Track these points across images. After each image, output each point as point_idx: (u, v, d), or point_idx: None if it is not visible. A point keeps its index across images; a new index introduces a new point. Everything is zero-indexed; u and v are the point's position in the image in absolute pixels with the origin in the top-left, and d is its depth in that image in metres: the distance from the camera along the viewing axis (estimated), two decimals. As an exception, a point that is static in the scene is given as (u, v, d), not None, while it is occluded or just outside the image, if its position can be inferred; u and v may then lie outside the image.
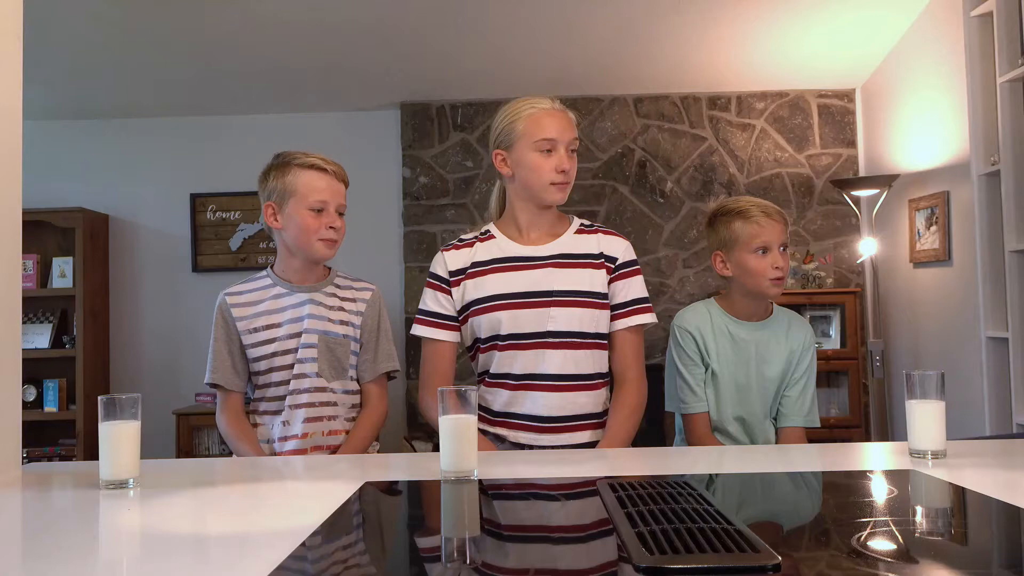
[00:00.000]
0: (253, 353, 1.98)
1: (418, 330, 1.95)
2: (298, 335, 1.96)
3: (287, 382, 1.96)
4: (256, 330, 1.97)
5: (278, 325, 1.97)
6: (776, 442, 2.11)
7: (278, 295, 1.99)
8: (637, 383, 1.92)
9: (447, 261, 1.95)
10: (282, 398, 1.96)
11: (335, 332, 1.98)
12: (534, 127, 1.84)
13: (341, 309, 2.01)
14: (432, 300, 1.95)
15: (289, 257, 1.99)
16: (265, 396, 1.99)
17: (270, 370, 1.97)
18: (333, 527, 1.12)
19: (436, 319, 1.93)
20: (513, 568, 0.98)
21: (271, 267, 2.04)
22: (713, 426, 2.08)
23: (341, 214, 1.96)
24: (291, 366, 1.96)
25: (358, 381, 2.05)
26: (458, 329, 1.95)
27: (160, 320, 4.68)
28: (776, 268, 2.03)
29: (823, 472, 1.49)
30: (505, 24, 3.89)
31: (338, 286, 2.03)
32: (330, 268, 2.06)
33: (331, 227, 1.93)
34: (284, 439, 1.96)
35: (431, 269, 1.98)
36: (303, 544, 1.02)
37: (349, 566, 1.03)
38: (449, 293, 1.93)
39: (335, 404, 1.98)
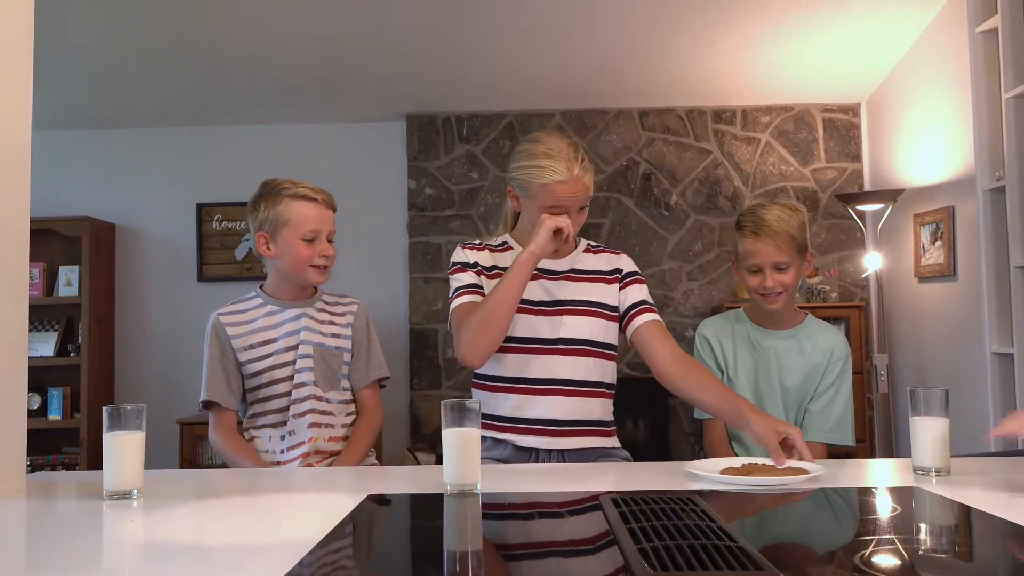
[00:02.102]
0: (250, 369, 2.02)
1: (463, 299, 1.93)
2: (294, 347, 2.01)
3: (288, 393, 2.01)
4: (252, 346, 2.02)
5: (274, 340, 2.02)
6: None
7: (271, 312, 2.05)
8: (694, 359, 1.98)
9: (468, 255, 2.00)
10: (283, 410, 2.01)
11: (328, 344, 2.05)
12: (546, 198, 1.85)
13: (332, 323, 2.08)
14: (467, 276, 1.97)
15: (281, 281, 2.06)
16: (265, 410, 2.03)
17: (271, 383, 2.02)
18: (336, 540, 1.12)
19: (478, 289, 1.95)
20: (515, 583, 0.98)
21: (260, 287, 2.10)
22: (731, 434, 2.09)
23: (331, 240, 2.02)
24: (290, 377, 2.01)
25: (352, 391, 2.11)
26: None
27: (165, 329, 4.69)
28: (764, 287, 2.02)
29: (827, 488, 1.49)
30: (511, 37, 3.91)
31: (326, 302, 2.11)
32: (316, 287, 2.13)
33: (323, 255, 1.99)
34: (290, 448, 2.00)
35: (454, 259, 2.01)
36: (305, 556, 1.02)
37: (351, 579, 1.03)
38: (479, 275, 1.97)
39: (332, 413, 2.04)
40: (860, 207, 4.07)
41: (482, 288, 1.95)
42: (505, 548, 1.14)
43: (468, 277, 1.97)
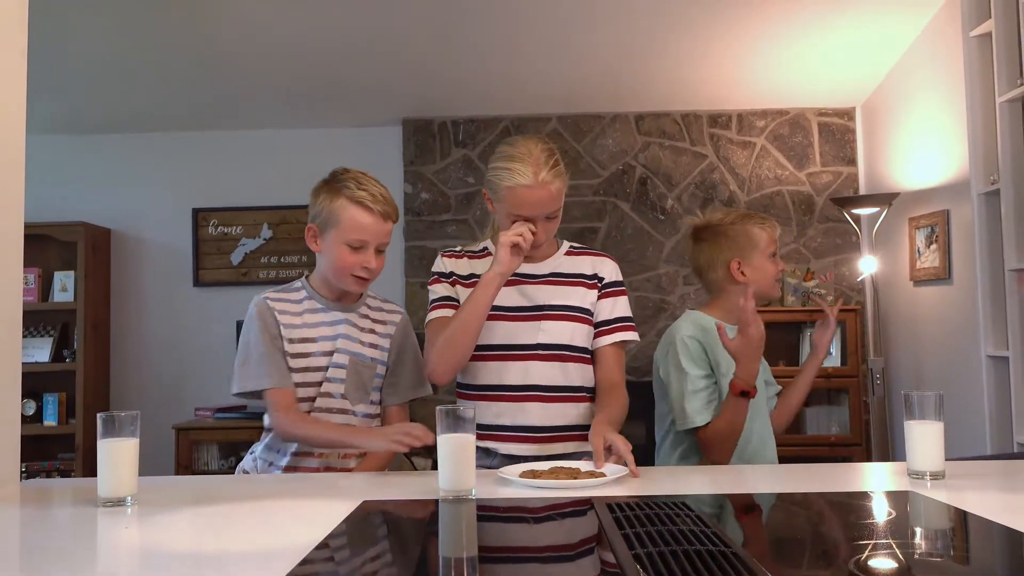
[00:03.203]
0: (288, 364, 1.92)
1: (436, 313, 1.93)
2: (330, 353, 1.92)
3: (312, 399, 1.92)
4: (292, 341, 1.92)
5: (313, 340, 1.93)
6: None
7: (314, 310, 1.95)
8: (623, 389, 1.94)
9: (446, 264, 2.00)
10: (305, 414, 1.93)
11: (364, 355, 1.96)
12: (512, 202, 1.83)
13: (372, 331, 1.98)
14: (442, 288, 1.97)
15: (326, 279, 1.96)
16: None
17: (299, 384, 1.92)
18: (330, 546, 1.12)
19: (453, 302, 1.94)
20: (510, 589, 0.98)
21: (306, 277, 2.01)
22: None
23: (381, 251, 1.91)
24: (319, 383, 1.92)
25: (380, 403, 2.02)
26: None
27: (161, 334, 4.68)
28: (780, 271, 2.15)
29: (822, 493, 1.49)
30: (507, 41, 3.91)
31: (369, 307, 2.01)
32: None
33: (365, 267, 1.87)
34: (298, 454, 1.92)
35: (434, 269, 2.01)
36: (300, 563, 1.02)
37: (345, 586, 1.03)
38: (454, 286, 1.97)
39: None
40: (855, 211, 4.08)
41: (456, 300, 1.93)
42: (500, 554, 1.14)
43: (442, 289, 1.96)
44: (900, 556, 1.04)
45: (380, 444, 1.75)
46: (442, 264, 2.00)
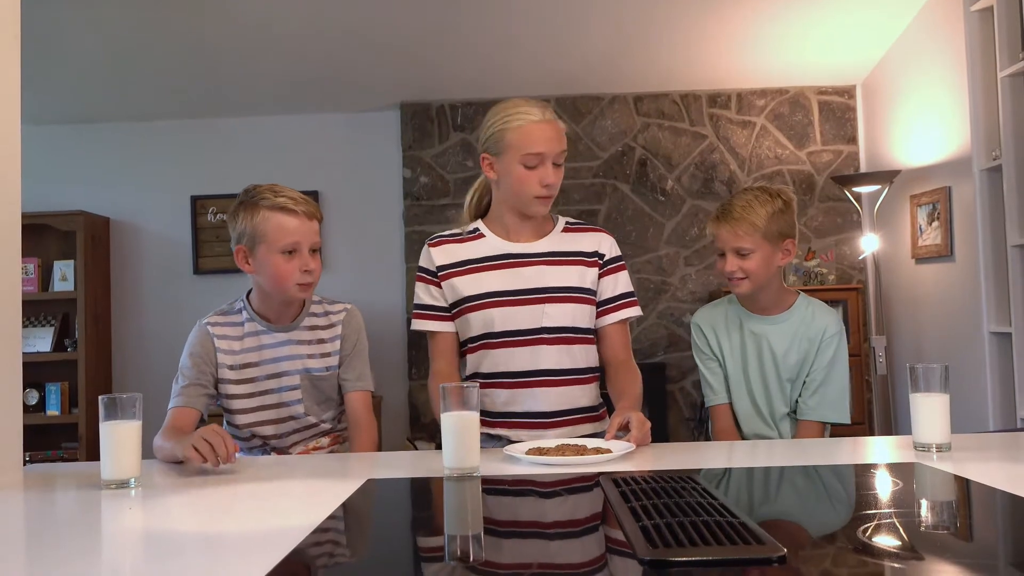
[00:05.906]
0: (231, 390, 1.93)
1: (417, 324, 1.93)
2: (276, 376, 1.92)
3: (275, 421, 1.94)
4: (234, 367, 1.92)
5: (256, 364, 1.92)
6: (793, 436, 2.10)
7: (255, 332, 1.93)
8: (633, 364, 1.94)
9: (433, 256, 1.95)
10: (274, 436, 1.96)
11: (318, 368, 1.94)
12: (523, 140, 1.81)
13: (320, 341, 1.95)
14: (425, 294, 1.95)
15: (265, 297, 1.93)
16: (253, 434, 1.96)
17: (255, 409, 1.94)
18: (335, 525, 1.12)
19: (432, 311, 1.93)
20: (516, 563, 0.98)
21: (247, 297, 1.97)
22: (736, 422, 2.11)
23: (316, 251, 1.88)
24: (275, 406, 1.93)
25: (340, 390, 2.00)
26: (454, 320, 1.94)
27: (161, 322, 4.67)
28: (725, 271, 2.04)
29: (828, 465, 1.49)
30: (505, 24, 3.89)
31: (315, 314, 1.97)
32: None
33: (305, 270, 1.84)
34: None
35: (420, 263, 1.98)
36: (306, 540, 1.02)
37: (351, 563, 1.03)
38: (439, 286, 1.93)
39: (327, 431, 1.99)
40: (856, 189, 4.06)
41: (437, 308, 1.91)
42: (505, 530, 1.13)
43: (424, 295, 1.93)
44: (908, 526, 1.04)
45: (179, 449, 1.58)
46: (429, 257, 1.96)
